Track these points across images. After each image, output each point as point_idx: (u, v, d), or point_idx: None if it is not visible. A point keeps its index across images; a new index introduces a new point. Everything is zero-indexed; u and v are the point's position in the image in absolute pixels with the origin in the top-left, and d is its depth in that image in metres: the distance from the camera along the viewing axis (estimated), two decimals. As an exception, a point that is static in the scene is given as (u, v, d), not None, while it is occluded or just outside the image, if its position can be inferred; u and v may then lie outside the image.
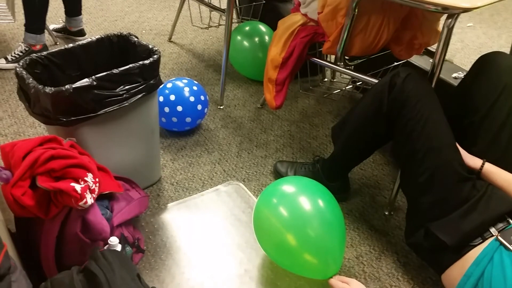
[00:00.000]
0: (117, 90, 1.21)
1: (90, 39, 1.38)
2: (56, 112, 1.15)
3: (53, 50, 1.33)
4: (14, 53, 2.16)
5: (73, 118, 1.17)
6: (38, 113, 1.19)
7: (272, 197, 1.19)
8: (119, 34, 1.41)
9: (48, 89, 1.12)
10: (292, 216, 1.14)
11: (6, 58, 2.17)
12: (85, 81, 1.15)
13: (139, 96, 1.27)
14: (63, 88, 1.12)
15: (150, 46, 1.34)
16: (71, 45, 1.36)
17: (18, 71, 1.20)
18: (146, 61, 1.26)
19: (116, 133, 1.33)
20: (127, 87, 1.23)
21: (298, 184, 1.21)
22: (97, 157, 1.21)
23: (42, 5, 2.07)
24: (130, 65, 1.23)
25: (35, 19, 2.10)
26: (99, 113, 1.19)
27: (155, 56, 1.30)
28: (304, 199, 1.16)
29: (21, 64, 1.23)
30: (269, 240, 1.18)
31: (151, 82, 1.30)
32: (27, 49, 2.15)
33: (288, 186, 1.20)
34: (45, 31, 2.20)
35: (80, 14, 2.38)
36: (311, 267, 1.14)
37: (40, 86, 1.13)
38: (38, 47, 2.15)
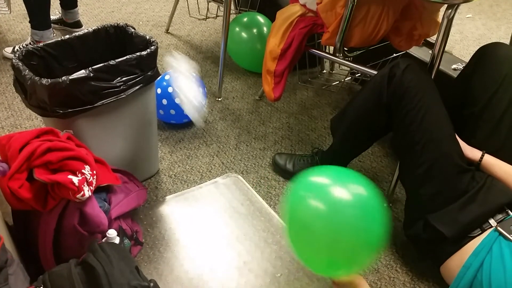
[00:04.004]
0: (114, 81, 1.20)
1: (87, 30, 1.37)
2: (53, 104, 1.14)
3: (49, 42, 1.31)
4: (22, 46, 2.15)
5: (70, 110, 1.15)
6: (35, 105, 1.18)
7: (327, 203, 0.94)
8: (116, 25, 1.40)
9: (44, 81, 1.11)
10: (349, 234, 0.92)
11: (13, 48, 2.16)
12: (81, 73, 1.14)
13: (137, 87, 1.25)
14: (60, 80, 1.11)
15: (147, 37, 1.33)
16: (67, 36, 1.34)
17: (14, 63, 1.18)
18: (144, 52, 1.25)
19: (114, 125, 1.32)
20: (124, 78, 1.22)
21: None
22: (95, 149, 1.20)
23: (38, 0, 2.04)
24: (127, 56, 1.22)
25: (33, 14, 2.07)
26: (96, 105, 1.18)
27: (153, 47, 1.28)
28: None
29: (17, 55, 1.22)
30: (312, 244, 0.96)
31: (149, 73, 1.28)
32: (32, 43, 2.12)
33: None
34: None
35: (76, 6, 2.36)
36: (333, 274, 1.04)
37: (36, 77, 1.12)
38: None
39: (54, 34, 2.33)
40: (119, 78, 1.21)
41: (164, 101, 1.68)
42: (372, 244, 0.93)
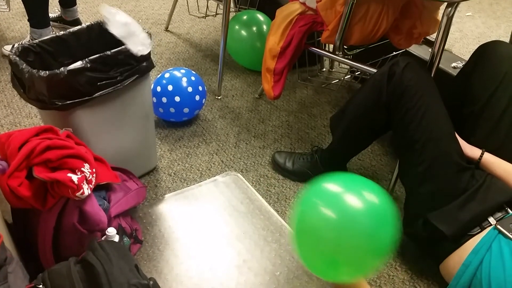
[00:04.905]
0: (111, 72, 1.21)
1: (81, 26, 1.37)
2: (52, 96, 1.14)
3: (45, 38, 1.32)
4: (21, 44, 2.14)
5: (68, 102, 1.16)
6: (34, 98, 1.18)
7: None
8: (109, 19, 1.40)
9: (42, 73, 1.11)
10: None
11: (13, 46, 2.15)
12: (78, 64, 1.15)
13: (133, 78, 1.26)
14: (58, 71, 1.12)
15: (140, 29, 1.33)
16: (62, 32, 1.35)
17: (11, 58, 1.19)
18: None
19: (112, 118, 1.32)
20: (120, 69, 1.22)
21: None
22: (93, 144, 1.21)
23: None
24: (122, 47, 1.23)
25: (32, 13, 2.06)
26: (94, 96, 1.19)
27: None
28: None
29: (13, 51, 1.22)
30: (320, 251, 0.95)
31: (144, 64, 1.29)
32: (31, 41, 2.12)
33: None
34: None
35: (75, 4, 2.35)
36: (337, 279, 1.01)
37: (34, 70, 1.13)
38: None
39: (53, 32, 2.33)
40: (115, 69, 1.21)
41: (164, 99, 1.68)
42: (379, 251, 0.92)
